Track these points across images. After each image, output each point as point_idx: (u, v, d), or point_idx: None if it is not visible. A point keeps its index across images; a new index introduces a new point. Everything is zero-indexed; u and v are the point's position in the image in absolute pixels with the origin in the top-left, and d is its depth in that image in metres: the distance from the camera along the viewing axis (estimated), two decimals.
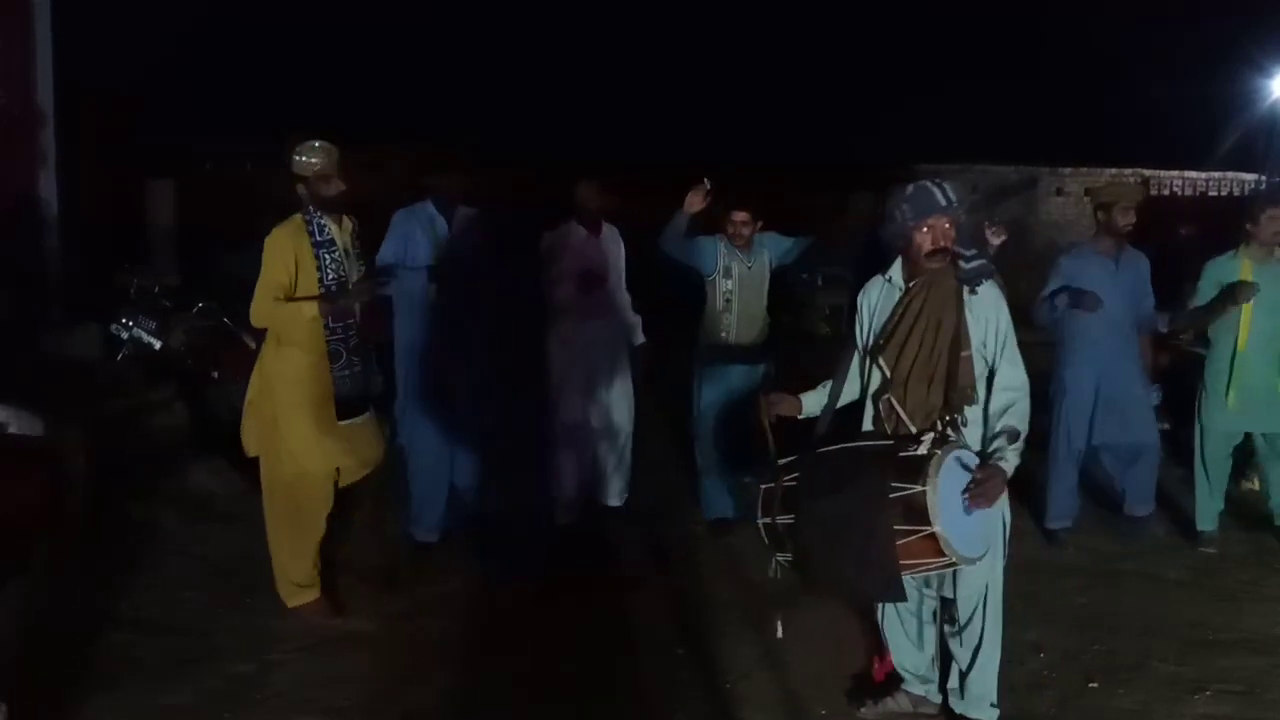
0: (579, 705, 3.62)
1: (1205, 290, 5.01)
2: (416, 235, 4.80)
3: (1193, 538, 5.23)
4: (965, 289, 3.17)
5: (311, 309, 4.01)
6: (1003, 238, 4.89)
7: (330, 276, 4.07)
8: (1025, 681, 3.80)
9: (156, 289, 7.21)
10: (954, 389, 3.13)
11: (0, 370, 4.51)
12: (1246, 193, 16.08)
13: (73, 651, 3.83)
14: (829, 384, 3.43)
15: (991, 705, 3.37)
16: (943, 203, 3.15)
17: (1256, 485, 6.09)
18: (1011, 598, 3.52)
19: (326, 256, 4.07)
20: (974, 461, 3.08)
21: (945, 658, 3.47)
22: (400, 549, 4.89)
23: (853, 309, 3.47)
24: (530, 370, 5.43)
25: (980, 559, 3.08)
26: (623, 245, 5.38)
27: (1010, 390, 3.14)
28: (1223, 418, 5.08)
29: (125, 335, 6.56)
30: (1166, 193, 16.50)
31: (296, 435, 4.07)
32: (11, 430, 4.16)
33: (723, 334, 5.16)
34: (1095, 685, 3.80)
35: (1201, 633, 4.24)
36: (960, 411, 3.14)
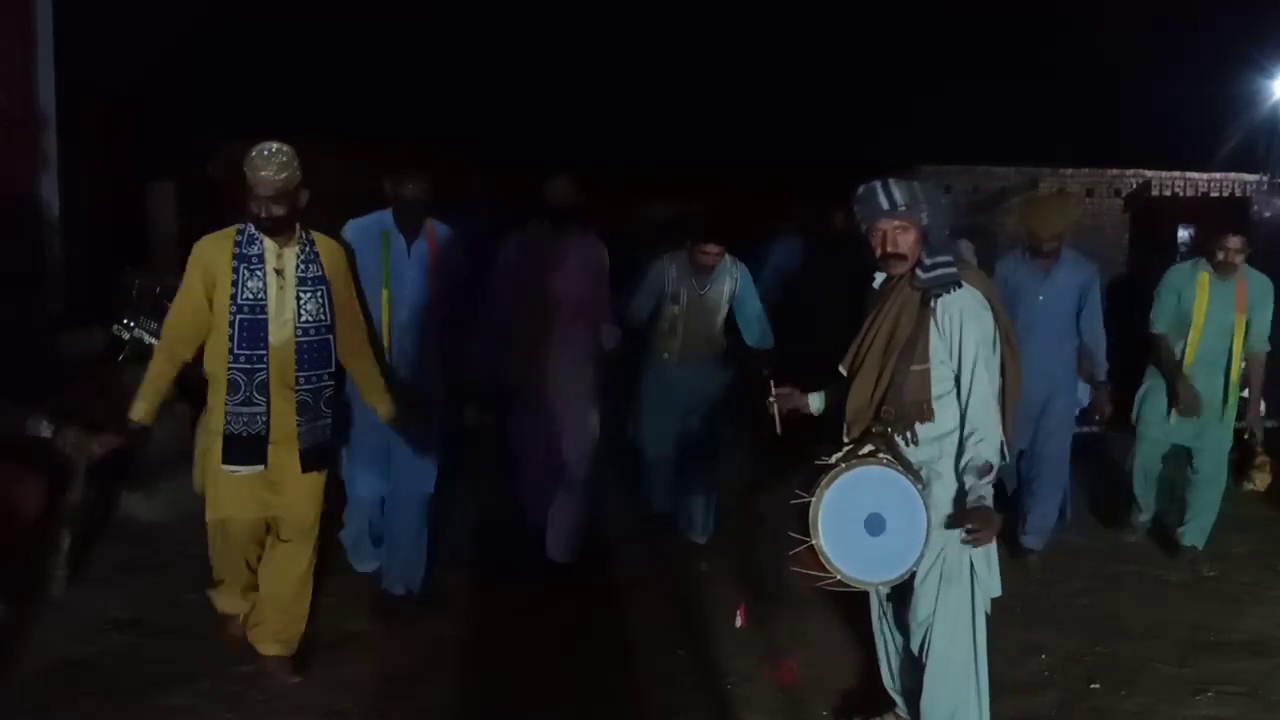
0: (579, 706, 3.61)
1: (1167, 302, 4.94)
2: (372, 251, 4.10)
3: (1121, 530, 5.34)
4: (931, 298, 2.98)
5: (148, 396, 3.55)
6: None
7: (245, 296, 3.49)
8: (1027, 683, 3.79)
9: (158, 290, 7.19)
10: (896, 402, 2.99)
11: (1, 370, 4.51)
12: (1248, 193, 16.08)
13: (74, 652, 3.83)
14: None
15: None
16: (885, 206, 2.99)
17: (1257, 485, 6.11)
18: (1012, 598, 3.51)
19: (245, 271, 3.50)
20: (896, 480, 2.93)
21: None
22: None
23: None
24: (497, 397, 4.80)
25: (885, 583, 3.00)
26: (604, 253, 4.74)
27: (975, 410, 2.96)
28: (1166, 429, 5.00)
29: (127, 335, 6.54)
30: (1167, 193, 16.50)
31: (212, 475, 3.61)
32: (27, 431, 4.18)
33: (665, 355, 5.00)
34: (1097, 686, 3.80)
35: (1203, 634, 4.24)
36: (903, 426, 3.00)
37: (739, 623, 3.51)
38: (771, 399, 3.36)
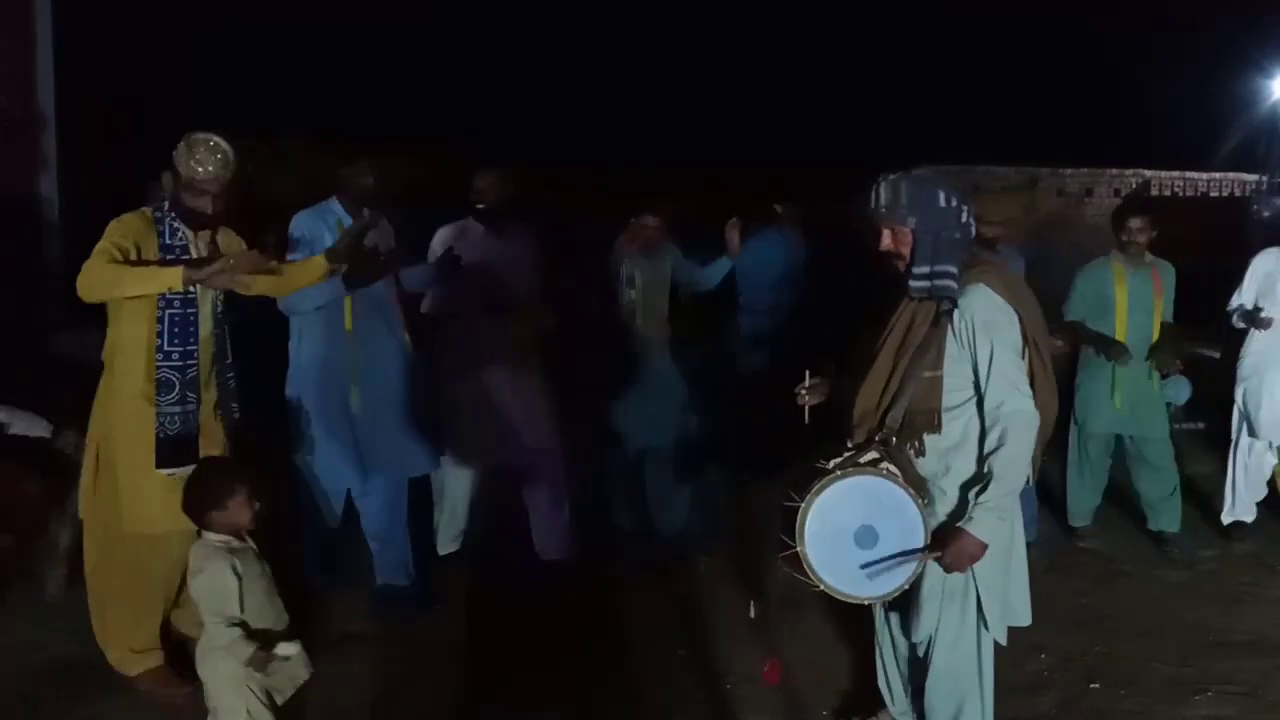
0: (579, 706, 3.61)
1: (1083, 294, 5.01)
2: (324, 240, 4.01)
3: (1068, 533, 5.27)
4: (949, 301, 2.81)
5: (172, 276, 3.23)
6: None
7: (174, 289, 3.33)
8: (1026, 683, 3.80)
9: None
10: (899, 408, 2.83)
11: (1, 371, 4.50)
12: (1248, 193, 16.09)
13: (74, 652, 3.82)
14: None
15: None
16: (871, 204, 2.89)
17: None
18: None
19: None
20: (894, 493, 2.79)
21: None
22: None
23: None
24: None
25: (870, 600, 2.88)
26: (537, 249, 4.71)
27: (996, 423, 2.78)
28: (1106, 419, 5.05)
29: None
30: (1167, 193, 16.52)
31: (133, 487, 3.40)
32: (14, 431, 4.18)
33: (636, 346, 4.92)
34: (1096, 686, 3.80)
35: (1203, 634, 4.24)
36: (910, 435, 2.85)
37: (752, 614, 3.45)
38: (803, 389, 3.15)
